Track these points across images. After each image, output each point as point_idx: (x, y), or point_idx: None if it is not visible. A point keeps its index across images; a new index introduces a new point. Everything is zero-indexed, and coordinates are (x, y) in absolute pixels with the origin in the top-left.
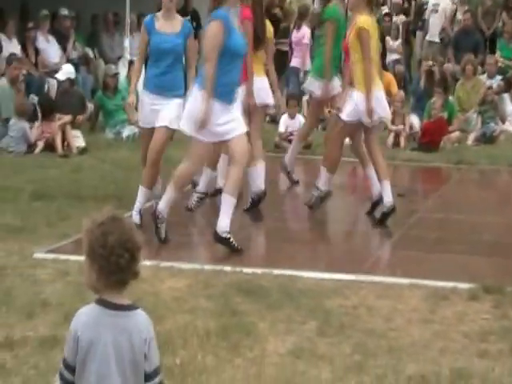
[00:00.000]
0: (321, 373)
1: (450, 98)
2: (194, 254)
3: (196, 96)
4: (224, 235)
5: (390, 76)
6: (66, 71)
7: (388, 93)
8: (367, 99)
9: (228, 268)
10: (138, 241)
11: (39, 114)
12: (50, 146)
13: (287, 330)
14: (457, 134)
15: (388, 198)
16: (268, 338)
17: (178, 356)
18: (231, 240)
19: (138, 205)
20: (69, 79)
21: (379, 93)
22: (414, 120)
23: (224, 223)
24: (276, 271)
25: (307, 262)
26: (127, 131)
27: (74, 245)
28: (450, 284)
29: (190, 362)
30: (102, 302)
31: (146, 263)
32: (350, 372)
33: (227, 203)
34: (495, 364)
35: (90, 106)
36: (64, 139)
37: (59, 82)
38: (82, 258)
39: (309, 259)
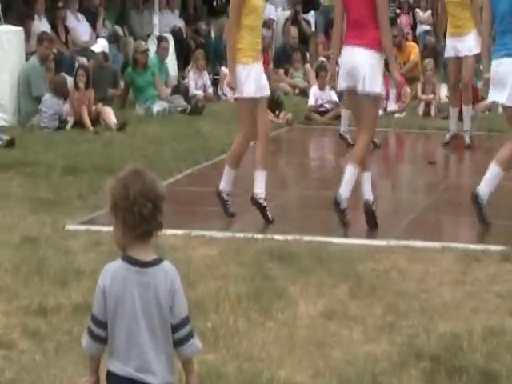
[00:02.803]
0: (352, 334)
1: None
2: (225, 222)
3: None
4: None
5: (411, 44)
6: (101, 45)
7: (407, 61)
8: None
9: (259, 236)
10: (161, 191)
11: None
12: (80, 123)
13: (319, 293)
14: (487, 101)
15: None
16: (299, 301)
17: (209, 320)
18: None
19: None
20: (103, 53)
21: None
22: (444, 90)
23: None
24: (307, 238)
25: (338, 228)
26: (157, 106)
27: (106, 216)
28: (482, 246)
29: (222, 326)
30: (128, 259)
31: (177, 232)
32: (381, 332)
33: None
34: None
35: (121, 83)
36: (97, 116)
37: (93, 56)
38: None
39: (340, 225)
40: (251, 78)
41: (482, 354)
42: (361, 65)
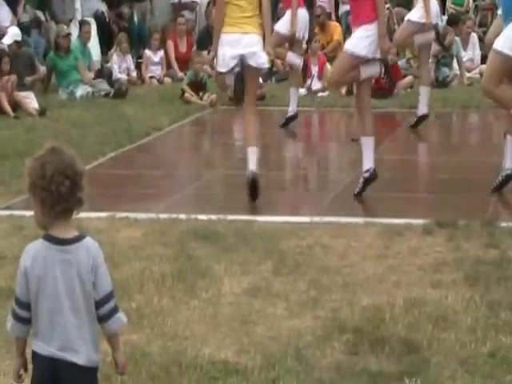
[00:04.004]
0: (276, 310)
1: None
2: (149, 204)
3: None
4: None
5: (334, 24)
6: (12, 34)
7: (330, 40)
8: None
9: (183, 216)
10: (79, 168)
11: None
12: (1, 109)
13: (243, 271)
14: (409, 78)
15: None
16: (224, 279)
17: (134, 300)
18: None
19: None
20: (15, 42)
21: None
22: None
23: None
24: (231, 217)
25: (262, 206)
26: (81, 91)
27: (29, 201)
28: (404, 220)
29: (146, 306)
30: (49, 238)
31: (101, 215)
32: (305, 307)
33: None
34: (448, 293)
35: (43, 69)
36: (16, 103)
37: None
38: None
39: (264, 204)
40: None
41: (403, 325)
42: None
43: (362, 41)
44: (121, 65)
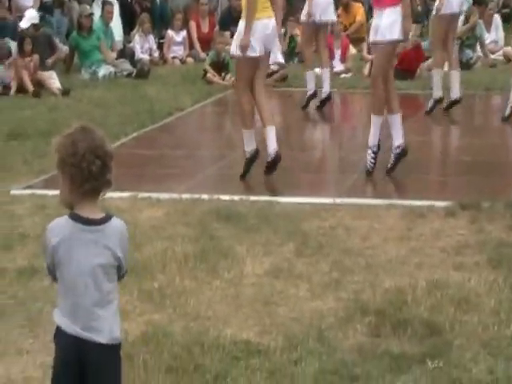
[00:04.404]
0: (299, 291)
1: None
2: (171, 184)
3: None
4: None
5: (357, 5)
6: (29, 17)
7: (353, 21)
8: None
9: (205, 196)
10: (109, 149)
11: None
12: (24, 89)
13: (265, 252)
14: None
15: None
16: (246, 259)
17: (156, 280)
18: None
19: None
20: (32, 25)
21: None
22: None
23: None
24: (253, 197)
25: (285, 187)
26: (103, 71)
27: (51, 180)
28: (427, 202)
29: (169, 286)
30: (75, 216)
31: (124, 195)
32: (327, 289)
33: None
34: (471, 275)
35: (65, 48)
36: (39, 83)
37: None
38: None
39: (286, 185)
40: None
41: (426, 308)
42: None
43: (393, 26)
44: (143, 45)
